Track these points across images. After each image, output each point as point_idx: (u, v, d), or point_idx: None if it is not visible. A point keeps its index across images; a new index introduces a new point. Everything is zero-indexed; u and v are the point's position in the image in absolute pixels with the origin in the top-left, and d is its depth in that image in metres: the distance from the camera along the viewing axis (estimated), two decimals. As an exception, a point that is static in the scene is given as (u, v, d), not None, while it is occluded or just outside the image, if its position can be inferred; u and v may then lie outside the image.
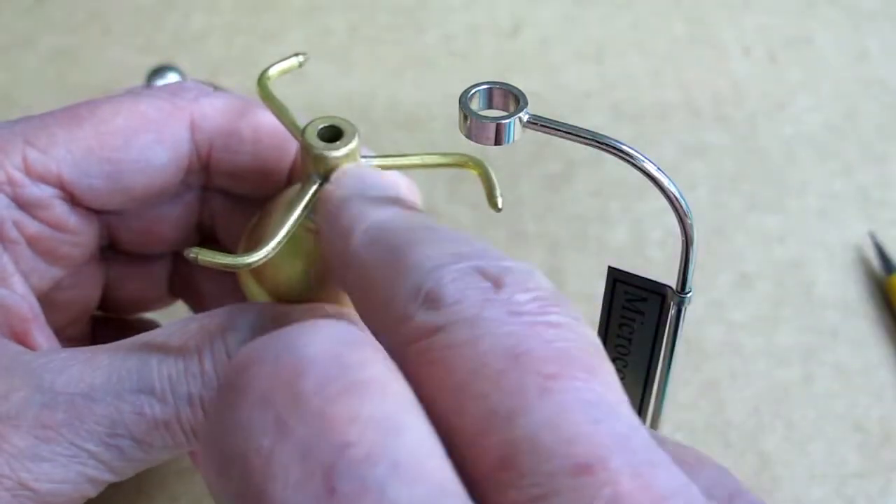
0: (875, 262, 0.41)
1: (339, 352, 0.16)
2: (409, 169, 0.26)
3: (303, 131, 0.24)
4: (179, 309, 0.34)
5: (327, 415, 0.15)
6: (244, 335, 0.24)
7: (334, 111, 0.30)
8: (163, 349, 0.24)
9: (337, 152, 0.24)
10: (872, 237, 0.42)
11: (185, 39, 0.53)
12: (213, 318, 0.25)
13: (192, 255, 0.22)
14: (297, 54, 0.28)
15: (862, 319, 0.40)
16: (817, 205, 0.44)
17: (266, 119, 0.28)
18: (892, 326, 0.39)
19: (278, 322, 0.24)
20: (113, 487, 0.34)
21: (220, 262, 0.22)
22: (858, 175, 0.46)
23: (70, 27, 0.54)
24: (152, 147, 0.27)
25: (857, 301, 0.40)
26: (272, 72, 0.27)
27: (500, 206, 0.23)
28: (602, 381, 0.17)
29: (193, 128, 0.27)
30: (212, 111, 0.27)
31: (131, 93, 0.28)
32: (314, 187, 0.24)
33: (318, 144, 0.24)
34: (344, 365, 0.16)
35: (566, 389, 0.16)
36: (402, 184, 0.28)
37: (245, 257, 0.23)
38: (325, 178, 0.24)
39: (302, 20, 0.54)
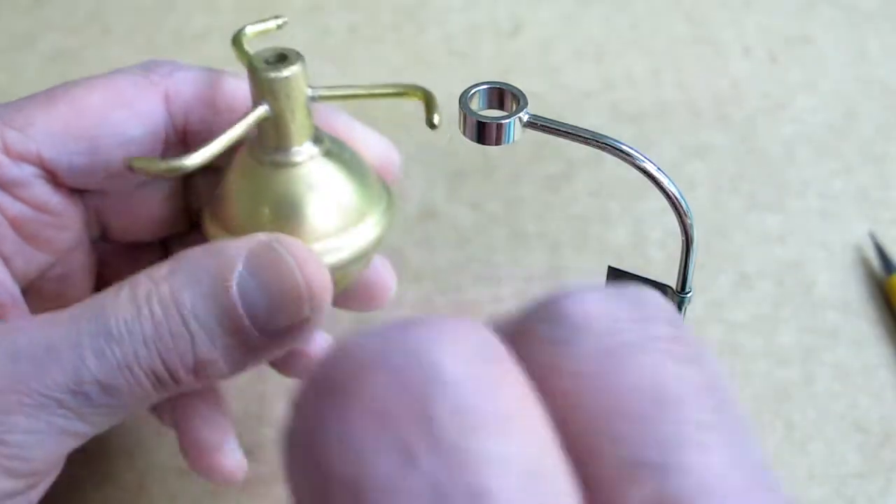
0: (875, 262, 0.41)
1: (478, 372, 0.14)
2: (355, 100, 0.27)
3: (250, 58, 0.25)
4: None
5: (463, 451, 0.13)
6: (186, 276, 0.24)
7: (334, 111, 0.30)
8: (117, 298, 0.24)
9: (279, 73, 0.25)
10: (872, 237, 0.42)
11: (185, 39, 0.53)
12: (158, 267, 0.25)
13: (128, 164, 0.23)
14: (276, 17, 0.29)
15: (862, 319, 0.40)
16: (817, 205, 0.44)
17: (239, 87, 0.28)
18: (892, 326, 0.39)
19: (218, 257, 0.24)
20: (113, 486, 0.35)
21: (154, 166, 0.24)
22: (858, 175, 0.46)
23: (70, 27, 0.54)
24: (127, 121, 0.27)
25: (857, 301, 0.40)
26: (249, 31, 0.28)
27: (436, 123, 0.25)
28: (749, 435, 0.15)
29: (168, 100, 0.28)
30: (184, 83, 0.28)
31: (105, 74, 0.28)
32: (260, 109, 0.25)
33: (263, 66, 0.25)
34: (484, 390, 0.14)
35: (723, 444, 0.14)
36: (375, 141, 0.29)
37: (177, 161, 0.24)
38: (270, 103, 0.25)
39: (302, 20, 0.54)
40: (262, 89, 0.25)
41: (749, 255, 0.42)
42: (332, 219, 0.26)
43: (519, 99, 0.22)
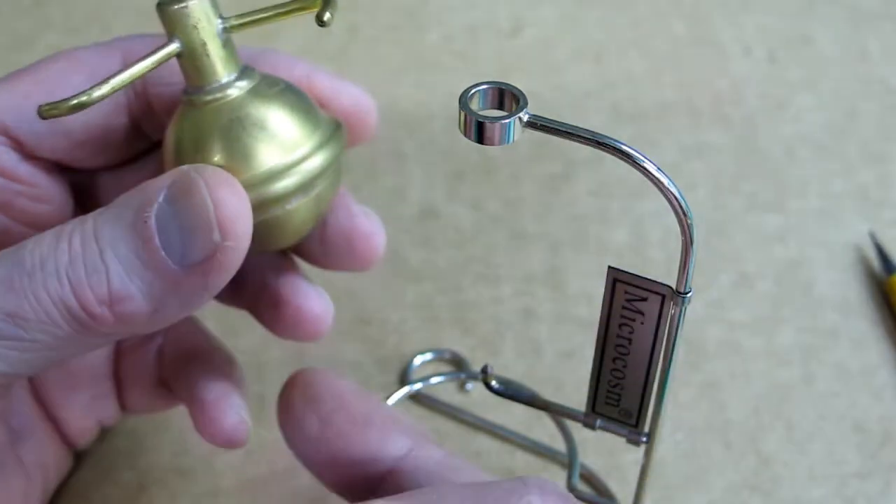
0: (875, 262, 0.41)
1: None
2: (265, 22, 0.27)
3: None
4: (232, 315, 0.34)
5: None
6: (112, 212, 0.24)
7: (298, 62, 0.30)
8: (42, 235, 0.24)
9: (182, 4, 0.25)
10: (872, 237, 0.42)
11: (185, 39, 0.53)
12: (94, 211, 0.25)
13: (39, 112, 0.24)
14: None
15: (862, 319, 0.40)
16: (817, 205, 0.44)
17: None
18: (892, 326, 0.39)
19: (142, 191, 0.24)
20: (113, 485, 0.35)
21: (63, 105, 0.24)
22: (858, 175, 0.46)
23: (70, 27, 0.54)
24: (85, 84, 0.27)
25: (857, 301, 0.40)
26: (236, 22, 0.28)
27: (325, 20, 0.25)
28: None
29: (126, 63, 0.28)
30: (142, 46, 0.28)
31: (73, 47, 0.29)
32: (171, 45, 0.25)
33: (168, 0, 0.25)
34: None
35: None
36: (344, 89, 0.29)
37: (83, 95, 0.24)
38: (180, 38, 0.25)
39: (302, 20, 0.54)
40: (170, 23, 0.25)
41: (749, 255, 0.42)
42: (266, 151, 0.25)
43: (519, 99, 0.22)
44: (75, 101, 0.24)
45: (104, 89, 0.24)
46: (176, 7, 0.25)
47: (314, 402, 0.28)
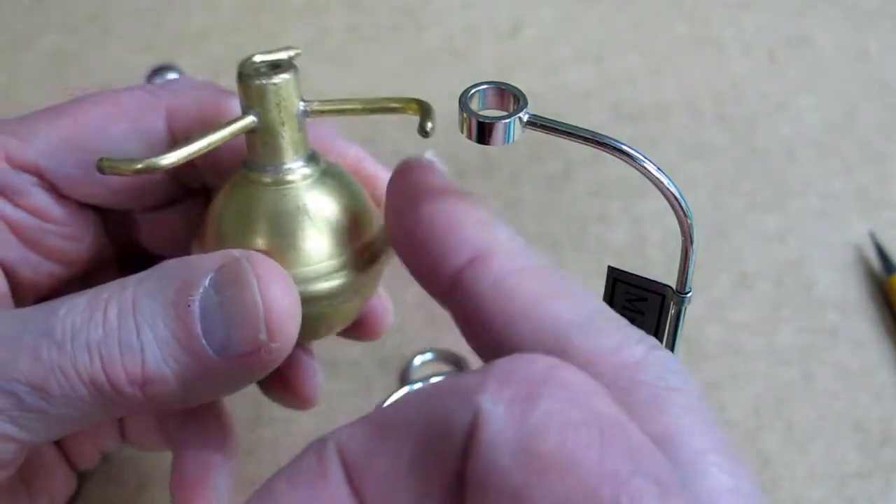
0: (875, 262, 0.41)
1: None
2: (351, 115, 0.25)
3: (240, 64, 0.24)
4: None
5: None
6: (153, 285, 0.23)
7: (345, 142, 0.29)
8: (76, 298, 0.23)
9: (269, 80, 0.24)
10: (872, 237, 0.42)
11: (185, 39, 0.53)
12: (130, 276, 0.24)
13: (98, 165, 0.22)
14: (289, 47, 0.27)
15: (862, 319, 0.40)
16: (817, 205, 0.44)
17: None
18: (892, 326, 0.39)
19: (188, 269, 0.23)
20: (114, 485, 0.35)
21: (125, 166, 0.22)
22: (858, 175, 0.46)
23: (70, 27, 0.54)
24: (126, 136, 0.27)
25: (857, 301, 0.40)
26: (258, 60, 0.27)
27: (428, 131, 0.23)
28: None
29: (170, 118, 0.27)
30: (188, 101, 0.27)
31: (114, 89, 0.28)
32: (247, 118, 0.24)
33: (252, 73, 0.24)
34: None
35: None
36: (386, 177, 0.27)
37: (151, 160, 0.22)
38: (258, 112, 0.24)
39: (302, 20, 0.54)
40: (250, 97, 0.24)
41: (749, 255, 0.42)
42: (322, 245, 0.24)
43: (519, 99, 0.22)
44: (141, 166, 0.22)
45: (171, 159, 0.23)
46: (263, 82, 0.24)
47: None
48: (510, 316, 0.21)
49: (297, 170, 0.25)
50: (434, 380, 0.37)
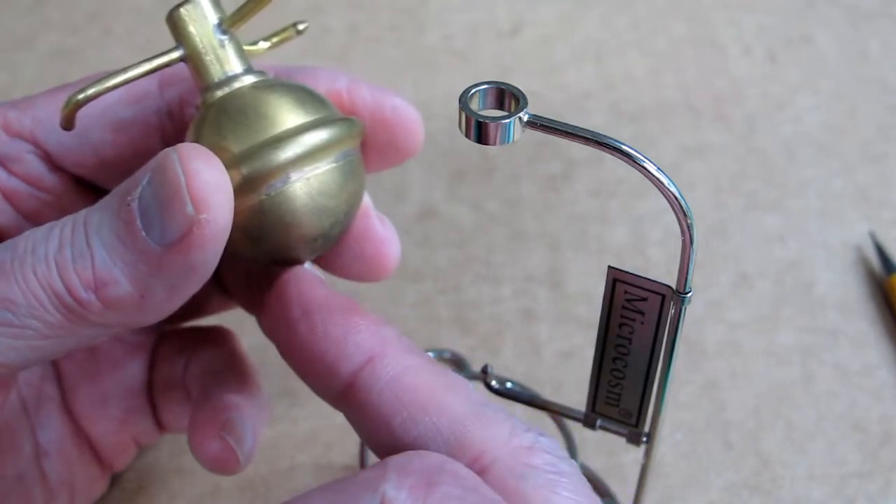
0: (875, 262, 0.41)
1: None
2: (252, 13, 0.27)
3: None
4: (239, 316, 0.34)
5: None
6: (102, 201, 0.24)
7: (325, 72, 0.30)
8: (38, 227, 0.24)
9: (177, 8, 0.26)
10: (872, 237, 0.42)
11: (185, 39, 0.53)
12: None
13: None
14: (296, 23, 0.29)
15: (862, 319, 0.40)
16: (817, 205, 0.44)
17: None
18: (892, 326, 0.39)
19: (131, 178, 0.24)
20: (114, 484, 0.34)
21: (66, 102, 0.25)
22: (858, 175, 0.46)
23: (70, 27, 0.54)
24: (118, 103, 0.27)
25: (857, 301, 0.40)
26: (263, 46, 0.28)
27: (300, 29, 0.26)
28: None
29: (162, 84, 0.28)
30: (181, 66, 0.27)
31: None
32: (173, 52, 0.26)
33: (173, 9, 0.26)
34: None
35: None
36: (365, 91, 0.29)
37: (73, 95, 0.25)
38: (182, 42, 0.26)
39: (302, 20, 0.54)
40: (174, 30, 0.26)
41: (749, 255, 0.42)
42: (263, 131, 0.24)
43: (519, 99, 0.21)
44: (69, 97, 0.25)
45: (95, 88, 0.25)
46: (173, 12, 0.26)
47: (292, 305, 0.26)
48: (408, 409, 0.23)
49: (240, 76, 0.26)
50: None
